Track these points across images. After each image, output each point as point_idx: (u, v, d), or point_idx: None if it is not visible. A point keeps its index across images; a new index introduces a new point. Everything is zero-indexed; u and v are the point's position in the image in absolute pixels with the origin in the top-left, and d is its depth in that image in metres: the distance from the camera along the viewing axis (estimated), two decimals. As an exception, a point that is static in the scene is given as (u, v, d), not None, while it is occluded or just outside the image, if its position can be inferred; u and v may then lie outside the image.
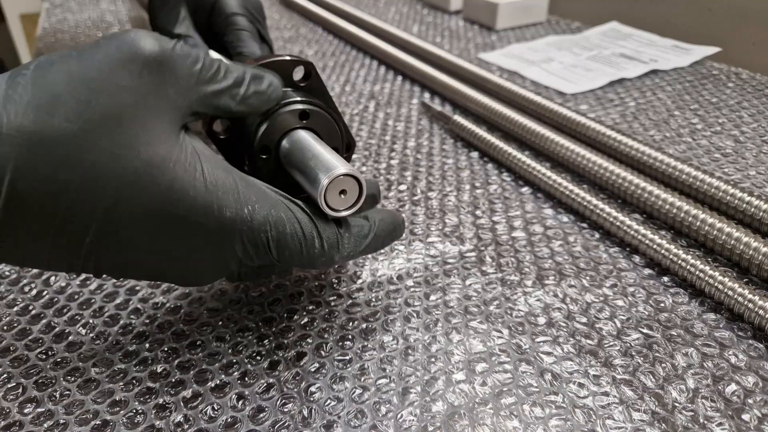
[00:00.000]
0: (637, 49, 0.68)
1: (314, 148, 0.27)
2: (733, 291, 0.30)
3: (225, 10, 0.43)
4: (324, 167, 0.26)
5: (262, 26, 0.46)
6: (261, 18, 0.47)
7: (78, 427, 0.25)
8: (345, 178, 0.26)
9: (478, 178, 0.44)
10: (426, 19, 0.86)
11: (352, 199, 0.26)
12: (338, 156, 0.27)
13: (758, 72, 0.60)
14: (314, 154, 0.27)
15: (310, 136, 0.29)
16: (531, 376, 0.27)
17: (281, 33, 0.82)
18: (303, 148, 0.28)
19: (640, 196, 0.38)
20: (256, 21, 0.45)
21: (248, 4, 0.45)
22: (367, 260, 0.35)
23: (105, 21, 0.85)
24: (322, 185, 0.25)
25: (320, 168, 0.26)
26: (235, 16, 0.43)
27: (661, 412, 0.25)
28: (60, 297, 0.33)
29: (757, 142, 0.47)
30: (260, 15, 0.47)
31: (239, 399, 0.26)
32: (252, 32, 0.44)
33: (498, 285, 0.33)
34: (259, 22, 0.46)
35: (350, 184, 0.26)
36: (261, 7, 0.47)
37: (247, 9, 0.45)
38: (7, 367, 0.28)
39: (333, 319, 0.31)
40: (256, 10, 0.46)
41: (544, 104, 0.50)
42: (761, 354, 0.28)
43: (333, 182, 0.25)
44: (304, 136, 0.29)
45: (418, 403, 0.26)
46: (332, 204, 0.26)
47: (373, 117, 0.55)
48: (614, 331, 0.30)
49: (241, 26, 0.43)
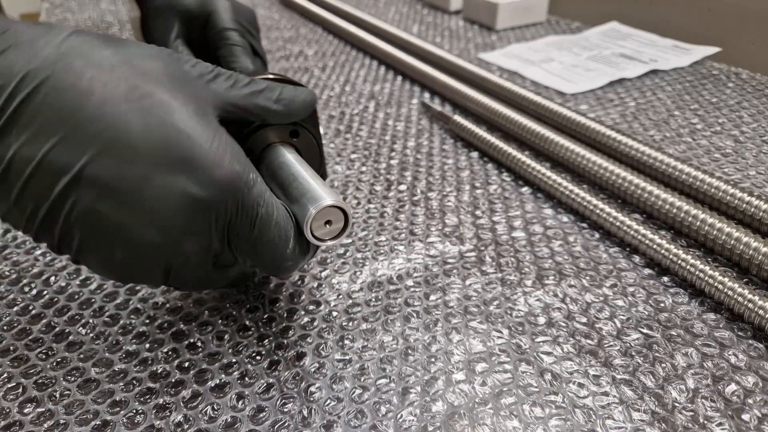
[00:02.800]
0: (637, 49, 0.68)
1: (301, 172, 0.27)
2: (733, 291, 0.30)
3: (218, 25, 0.43)
4: (311, 196, 0.25)
5: (255, 40, 0.46)
6: (254, 32, 0.47)
7: (78, 427, 0.25)
8: (331, 209, 0.25)
9: (478, 178, 0.44)
10: (426, 19, 0.86)
11: (337, 229, 0.26)
12: (325, 183, 0.26)
13: (758, 72, 0.61)
14: (302, 178, 0.27)
15: (294, 158, 0.29)
16: (531, 376, 0.27)
17: (281, 33, 0.82)
18: (289, 168, 0.28)
19: (640, 196, 0.38)
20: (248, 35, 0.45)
21: (242, 18, 0.45)
22: (367, 260, 0.35)
23: (105, 21, 0.85)
24: (310, 214, 0.25)
25: (307, 195, 0.26)
26: (228, 31, 0.43)
27: (661, 412, 0.25)
28: (60, 297, 0.33)
29: (757, 142, 0.47)
30: (254, 29, 0.47)
31: (239, 399, 0.26)
32: (245, 47, 0.44)
33: (498, 285, 0.33)
34: (252, 36, 0.46)
35: (336, 215, 0.25)
36: (255, 20, 0.47)
37: (240, 23, 0.45)
38: (7, 367, 0.28)
39: (333, 319, 0.31)
40: (250, 23, 0.46)
41: (544, 104, 0.50)
42: (761, 354, 0.28)
43: (320, 212, 0.25)
44: (291, 158, 0.28)
45: (418, 403, 0.26)
46: (316, 233, 0.25)
47: (373, 117, 0.55)
48: (614, 331, 0.30)
49: (233, 41, 0.43)
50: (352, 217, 0.26)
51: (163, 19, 0.44)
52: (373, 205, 0.41)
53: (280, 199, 0.27)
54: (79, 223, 0.22)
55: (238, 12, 0.46)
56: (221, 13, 0.44)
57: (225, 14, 0.44)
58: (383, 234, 0.38)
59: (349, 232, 0.35)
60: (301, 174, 0.27)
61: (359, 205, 0.41)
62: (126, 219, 0.22)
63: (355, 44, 0.75)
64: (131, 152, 0.22)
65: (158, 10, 0.44)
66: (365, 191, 0.43)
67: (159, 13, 0.44)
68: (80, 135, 0.21)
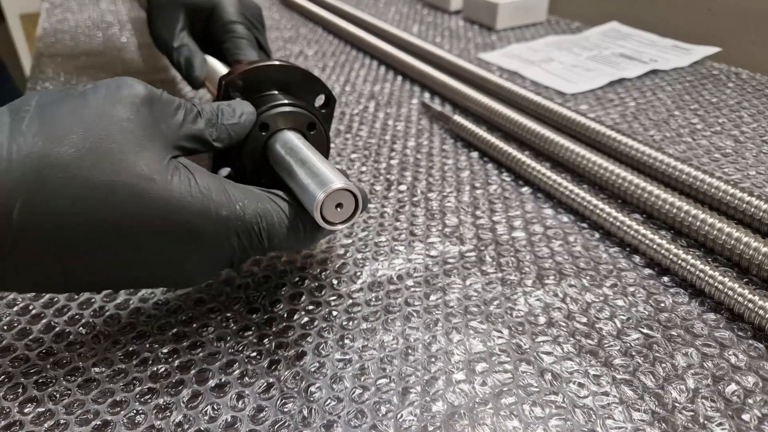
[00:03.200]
0: (637, 49, 0.68)
1: (310, 157, 0.27)
2: (733, 291, 0.30)
3: (223, 18, 0.43)
4: (320, 180, 0.26)
5: (260, 34, 0.46)
6: (260, 26, 0.47)
7: (78, 427, 0.25)
8: (341, 192, 0.25)
9: (478, 178, 0.44)
10: (426, 19, 0.86)
11: (348, 212, 0.26)
12: (334, 167, 0.26)
13: (758, 72, 0.61)
14: (311, 163, 0.27)
15: (303, 143, 0.29)
16: (531, 375, 0.27)
17: (281, 33, 0.82)
18: (298, 153, 0.28)
19: (640, 196, 0.38)
20: (254, 29, 0.45)
21: (247, 12, 0.45)
22: (367, 260, 0.35)
23: (105, 21, 0.85)
24: (318, 200, 0.25)
25: (316, 180, 0.26)
26: (234, 24, 0.43)
27: (661, 412, 0.25)
28: (60, 297, 0.33)
29: (757, 142, 0.47)
30: (259, 23, 0.47)
31: (239, 399, 0.26)
32: (250, 40, 0.43)
33: (498, 285, 0.33)
34: (257, 29, 0.46)
35: (347, 198, 0.26)
36: (260, 14, 0.47)
37: (246, 17, 0.45)
38: (7, 367, 0.28)
39: (333, 318, 0.31)
40: (255, 17, 0.46)
41: (544, 104, 0.50)
42: (761, 354, 0.28)
43: (330, 196, 0.25)
44: (300, 143, 0.29)
45: (418, 403, 0.26)
46: (328, 217, 0.26)
47: (373, 117, 0.55)
48: (614, 330, 0.30)
49: (239, 34, 0.43)
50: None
51: (169, 12, 0.44)
52: (373, 205, 0.41)
53: (290, 183, 0.28)
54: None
55: (244, 5, 0.46)
56: (227, 6, 0.44)
57: (230, 7, 0.44)
58: (383, 234, 0.38)
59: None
60: (311, 159, 0.27)
61: (359, 205, 0.41)
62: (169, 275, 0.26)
63: (355, 44, 0.75)
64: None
65: (164, 3, 0.44)
66: (365, 191, 0.43)
67: (164, 6, 0.44)
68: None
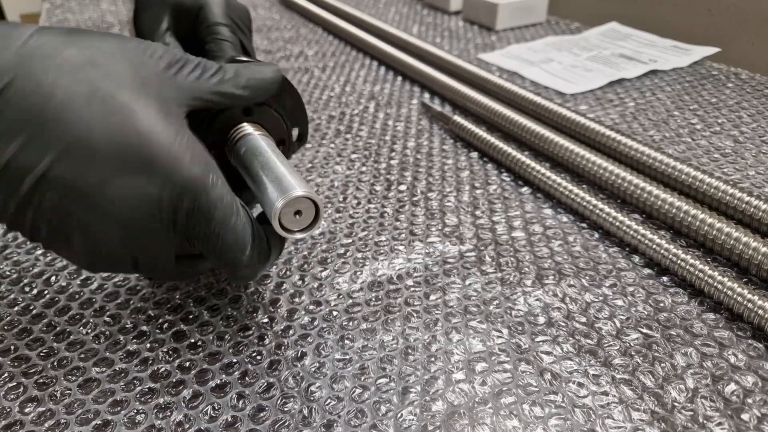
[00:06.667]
0: (636, 49, 0.68)
1: (271, 161, 0.26)
2: (733, 291, 0.30)
3: (209, 19, 0.43)
4: (280, 186, 0.25)
5: (246, 37, 0.46)
6: (246, 29, 0.46)
7: (79, 426, 0.25)
8: (301, 199, 0.25)
9: (478, 178, 0.44)
10: (426, 19, 0.86)
11: (308, 220, 0.25)
12: (296, 172, 0.26)
13: (758, 72, 0.61)
14: (271, 168, 0.26)
15: (266, 144, 0.28)
16: (530, 375, 0.27)
17: (281, 33, 0.82)
18: (259, 156, 0.27)
19: (640, 196, 0.38)
20: (239, 31, 0.45)
21: (234, 14, 0.45)
22: (368, 260, 0.35)
23: (105, 21, 0.85)
24: (277, 207, 0.24)
25: (276, 186, 0.25)
26: (218, 25, 0.43)
27: (661, 412, 0.25)
28: (61, 297, 0.33)
29: (756, 142, 0.47)
30: (246, 26, 0.46)
31: (239, 398, 0.26)
32: (234, 43, 0.43)
33: (497, 285, 0.33)
34: (243, 32, 0.45)
35: (306, 205, 0.25)
36: (248, 17, 0.47)
37: (232, 19, 0.44)
38: (8, 367, 0.28)
39: (333, 318, 0.31)
40: (242, 20, 0.46)
41: (543, 104, 0.51)
42: (760, 354, 0.28)
43: (288, 203, 0.24)
44: (262, 144, 0.28)
45: (418, 403, 0.26)
46: (286, 224, 0.25)
47: (373, 117, 0.55)
48: (613, 330, 0.30)
49: (223, 36, 0.43)
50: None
51: (154, 11, 0.44)
52: (373, 205, 0.41)
53: (251, 188, 0.27)
54: (46, 219, 0.23)
55: (231, 7, 0.45)
56: (213, 8, 0.44)
57: (216, 9, 0.44)
58: (383, 234, 0.38)
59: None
60: (271, 163, 0.26)
61: (359, 205, 0.41)
62: (89, 217, 0.23)
63: (356, 45, 0.75)
64: (92, 154, 0.22)
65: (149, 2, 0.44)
66: (365, 191, 0.43)
67: (150, 5, 0.44)
68: (43, 137, 0.22)
